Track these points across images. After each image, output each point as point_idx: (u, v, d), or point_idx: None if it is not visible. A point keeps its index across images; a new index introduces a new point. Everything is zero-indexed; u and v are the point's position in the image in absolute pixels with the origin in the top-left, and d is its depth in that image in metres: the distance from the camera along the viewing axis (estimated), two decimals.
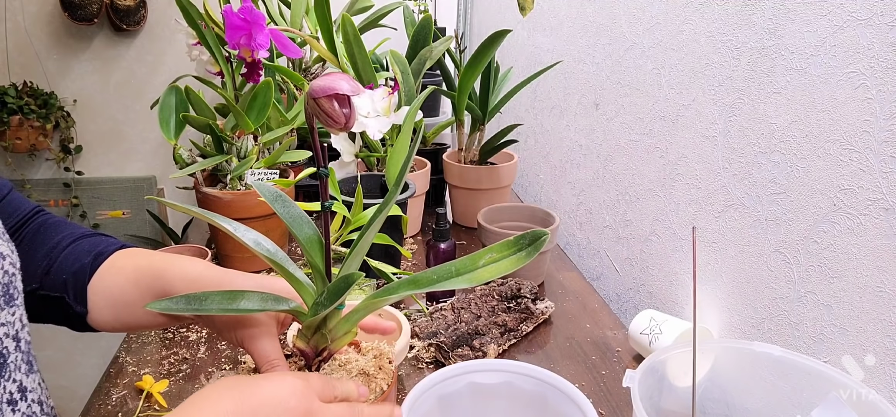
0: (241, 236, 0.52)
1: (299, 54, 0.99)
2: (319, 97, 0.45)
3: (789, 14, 0.68)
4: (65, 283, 0.58)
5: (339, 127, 0.46)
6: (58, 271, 0.59)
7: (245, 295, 0.51)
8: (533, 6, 1.00)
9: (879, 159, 0.59)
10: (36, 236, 0.61)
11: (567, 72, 1.29)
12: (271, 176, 1.12)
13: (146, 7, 2.09)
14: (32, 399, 0.54)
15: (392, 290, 0.52)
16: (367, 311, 0.54)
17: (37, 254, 0.59)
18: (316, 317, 0.52)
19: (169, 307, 0.50)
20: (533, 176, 1.55)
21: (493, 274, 0.51)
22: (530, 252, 0.51)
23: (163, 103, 1.10)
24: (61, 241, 0.61)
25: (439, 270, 0.51)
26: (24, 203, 0.63)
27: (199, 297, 0.50)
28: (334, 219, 0.94)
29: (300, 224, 0.55)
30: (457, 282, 0.51)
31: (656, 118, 0.96)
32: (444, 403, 0.60)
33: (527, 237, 0.52)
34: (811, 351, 0.68)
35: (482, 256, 0.52)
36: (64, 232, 0.62)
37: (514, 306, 0.94)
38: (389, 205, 0.53)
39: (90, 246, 0.61)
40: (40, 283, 0.59)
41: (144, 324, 0.60)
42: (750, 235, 0.77)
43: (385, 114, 1.00)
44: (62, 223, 0.64)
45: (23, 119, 2.01)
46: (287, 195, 0.58)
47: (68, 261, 0.59)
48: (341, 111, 0.46)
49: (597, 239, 1.19)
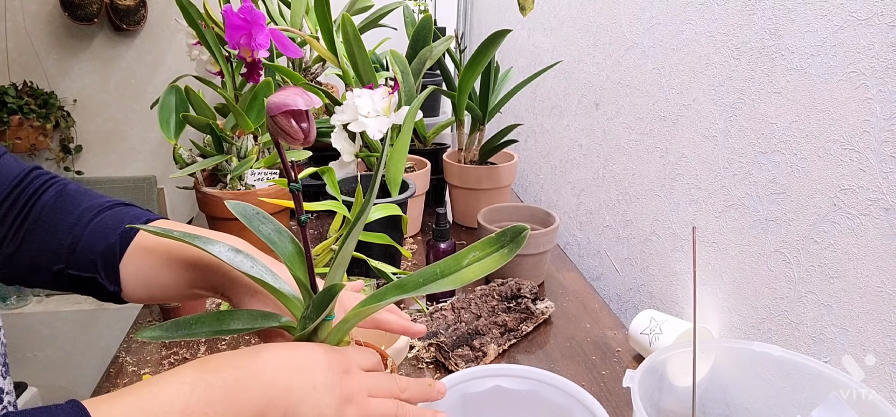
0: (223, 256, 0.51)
1: (299, 54, 0.99)
2: (275, 115, 0.44)
3: (789, 14, 0.68)
4: (94, 264, 0.58)
5: (299, 143, 0.45)
6: (85, 249, 0.58)
7: (234, 316, 0.51)
8: (533, 6, 1.00)
9: (879, 159, 0.59)
10: (55, 209, 0.60)
11: (567, 72, 1.29)
12: (271, 176, 1.12)
13: (146, 7, 2.09)
14: (9, 401, 0.54)
15: (379, 297, 0.52)
16: (358, 319, 0.54)
17: (58, 229, 0.59)
18: (305, 331, 0.51)
19: (160, 335, 0.49)
20: (533, 176, 1.55)
21: (477, 273, 0.50)
22: (512, 248, 0.51)
23: (163, 103, 1.10)
24: (83, 215, 0.60)
25: (425, 273, 0.51)
26: (15, 165, 0.61)
27: (188, 322, 0.50)
28: (334, 219, 0.94)
29: (281, 240, 0.54)
30: (442, 284, 0.50)
31: (656, 118, 0.96)
32: (468, 402, 0.60)
33: (508, 233, 0.51)
34: (811, 351, 0.68)
35: (465, 255, 0.51)
36: (83, 203, 0.61)
37: (514, 306, 0.94)
38: (366, 211, 0.52)
39: (114, 220, 0.60)
40: (67, 262, 0.59)
41: (176, 299, 0.63)
42: (750, 235, 0.77)
43: (385, 114, 1.00)
44: (79, 192, 0.62)
45: (23, 119, 2.01)
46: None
47: (95, 239, 0.59)
48: (299, 127, 0.44)
49: (597, 239, 1.19)
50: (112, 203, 0.62)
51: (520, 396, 0.61)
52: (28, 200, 0.60)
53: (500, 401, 0.61)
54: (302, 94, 0.44)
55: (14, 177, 0.60)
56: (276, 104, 0.44)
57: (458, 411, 0.59)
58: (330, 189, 0.94)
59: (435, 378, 0.81)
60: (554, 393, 0.60)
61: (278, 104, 0.44)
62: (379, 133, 0.95)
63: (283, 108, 0.44)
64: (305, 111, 0.44)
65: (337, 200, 0.92)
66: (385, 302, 0.51)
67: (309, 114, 0.45)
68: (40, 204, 0.60)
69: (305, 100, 0.44)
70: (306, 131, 0.45)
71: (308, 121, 0.45)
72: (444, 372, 0.82)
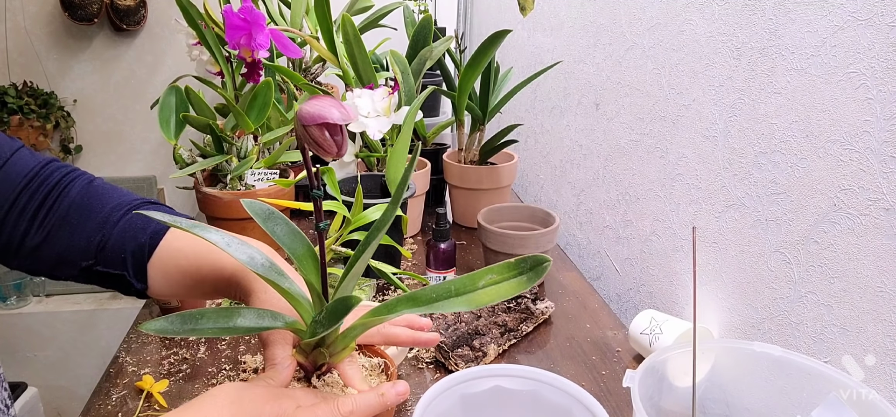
0: (233, 252, 0.51)
1: (299, 54, 0.99)
2: (309, 125, 0.43)
3: (789, 14, 0.68)
4: (124, 261, 0.61)
5: (329, 155, 0.44)
6: (115, 248, 0.60)
7: (241, 313, 0.50)
8: (533, 6, 1.00)
9: (879, 159, 0.59)
10: (83, 206, 0.61)
11: (567, 72, 1.29)
12: (271, 176, 1.12)
13: (146, 7, 2.09)
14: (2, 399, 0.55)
15: (390, 308, 0.51)
16: (365, 328, 0.54)
17: (88, 226, 0.61)
18: (314, 337, 0.51)
19: (165, 328, 0.49)
20: (533, 176, 1.55)
21: (492, 297, 0.49)
22: (531, 277, 0.50)
23: (163, 103, 1.10)
24: (112, 214, 0.61)
25: (438, 289, 0.50)
26: (30, 158, 0.62)
27: (194, 316, 0.49)
28: (334, 219, 0.94)
29: (293, 241, 0.53)
30: (456, 303, 0.49)
31: (656, 118, 0.96)
32: (467, 403, 0.59)
33: (528, 261, 0.50)
34: (811, 351, 0.68)
35: (482, 276, 0.50)
36: (111, 200, 0.62)
37: (514, 306, 0.94)
38: (385, 227, 0.51)
39: (143, 221, 0.62)
40: (96, 259, 0.61)
41: (196, 299, 0.67)
42: (750, 235, 0.77)
43: (385, 114, 1.00)
44: (106, 190, 0.64)
45: (23, 119, 2.01)
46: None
47: (125, 238, 0.61)
48: (332, 140, 0.43)
49: (597, 239, 1.19)
50: (141, 201, 0.64)
51: (520, 396, 0.61)
52: (50, 193, 0.61)
53: (500, 401, 0.61)
54: (338, 107, 0.42)
55: (30, 170, 0.61)
56: (311, 115, 0.42)
57: (458, 411, 0.59)
58: (330, 189, 0.94)
59: (434, 378, 0.81)
60: (554, 393, 0.59)
61: (313, 115, 0.42)
62: (379, 133, 0.95)
63: (318, 120, 0.42)
64: (340, 125, 0.43)
65: (337, 200, 0.92)
66: (395, 315, 0.50)
67: (343, 128, 0.43)
68: (68, 199, 0.61)
69: (342, 113, 0.42)
70: (339, 144, 0.43)
71: (342, 135, 0.43)
72: (444, 372, 0.82)
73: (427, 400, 0.55)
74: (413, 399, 0.77)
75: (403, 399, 0.52)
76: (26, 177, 0.61)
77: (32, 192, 0.60)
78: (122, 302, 2.23)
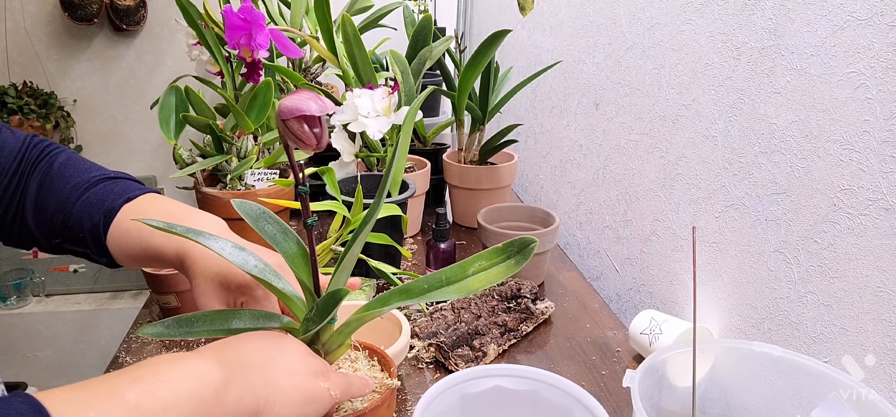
0: (227, 255, 0.51)
1: (299, 54, 0.99)
2: (288, 119, 0.43)
3: (789, 14, 0.68)
4: (84, 240, 0.64)
5: (310, 148, 0.44)
6: (75, 227, 0.64)
7: (237, 315, 0.51)
8: (533, 6, 1.00)
9: (879, 159, 0.59)
10: (47, 188, 0.65)
11: (567, 72, 1.29)
12: (271, 176, 1.12)
13: (146, 7, 2.09)
14: None
15: (384, 301, 0.51)
16: (360, 323, 0.54)
17: (49, 207, 0.64)
18: (308, 334, 0.51)
19: (162, 332, 0.49)
20: (533, 176, 1.55)
21: (483, 282, 0.50)
22: (519, 259, 0.50)
23: (163, 103, 1.10)
24: (71, 193, 0.64)
25: (430, 279, 0.51)
26: (11, 138, 0.66)
27: (191, 320, 0.50)
28: (334, 219, 0.94)
29: (286, 240, 0.54)
30: (447, 292, 0.50)
31: (656, 118, 0.96)
32: (467, 403, 0.59)
33: (515, 244, 0.51)
34: (811, 351, 0.68)
35: (471, 264, 0.51)
36: (72, 179, 0.65)
37: (514, 306, 0.94)
38: (372, 220, 0.51)
39: (97, 199, 0.64)
40: (63, 237, 0.65)
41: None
42: (750, 235, 0.77)
43: (385, 114, 1.00)
44: (68, 167, 0.66)
45: (23, 119, 2.01)
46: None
47: (82, 217, 0.63)
48: (311, 132, 0.44)
49: (597, 239, 1.19)
50: (98, 178, 0.66)
51: (520, 396, 0.61)
52: (24, 175, 0.65)
53: (500, 401, 0.61)
54: (315, 99, 0.43)
55: (16, 153, 0.65)
56: (289, 108, 0.43)
57: (457, 411, 0.59)
58: (330, 189, 0.94)
59: (434, 378, 0.81)
60: (554, 393, 0.59)
61: (291, 108, 0.43)
62: (379, 133, 0.95)
63: (295, 113, 0.43)
64: (318, 116, 0.44)
65: (337, 200, 0.92)
66: (390, 307, 0.51)
67: (321, 120, 0.44)
68: (34, 180, 0.65)
69: (319, 105, 0.43)
70: (318, 136, 0.44)
71: (321, 127, 0.44)
72: (444, 372, 0.82)
73: (427, 400, 0.55)
74: (413, 399, 0.77)
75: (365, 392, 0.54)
76: (15, 160, 0.64)
77: (14, 174, 0.64)
78: (122, 301, 2.23)
